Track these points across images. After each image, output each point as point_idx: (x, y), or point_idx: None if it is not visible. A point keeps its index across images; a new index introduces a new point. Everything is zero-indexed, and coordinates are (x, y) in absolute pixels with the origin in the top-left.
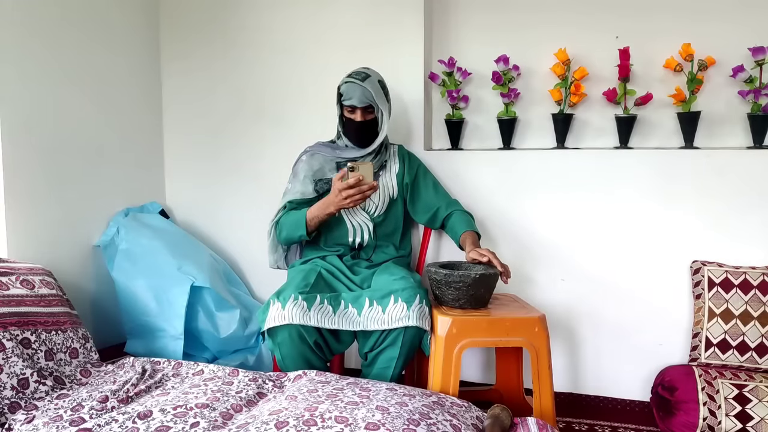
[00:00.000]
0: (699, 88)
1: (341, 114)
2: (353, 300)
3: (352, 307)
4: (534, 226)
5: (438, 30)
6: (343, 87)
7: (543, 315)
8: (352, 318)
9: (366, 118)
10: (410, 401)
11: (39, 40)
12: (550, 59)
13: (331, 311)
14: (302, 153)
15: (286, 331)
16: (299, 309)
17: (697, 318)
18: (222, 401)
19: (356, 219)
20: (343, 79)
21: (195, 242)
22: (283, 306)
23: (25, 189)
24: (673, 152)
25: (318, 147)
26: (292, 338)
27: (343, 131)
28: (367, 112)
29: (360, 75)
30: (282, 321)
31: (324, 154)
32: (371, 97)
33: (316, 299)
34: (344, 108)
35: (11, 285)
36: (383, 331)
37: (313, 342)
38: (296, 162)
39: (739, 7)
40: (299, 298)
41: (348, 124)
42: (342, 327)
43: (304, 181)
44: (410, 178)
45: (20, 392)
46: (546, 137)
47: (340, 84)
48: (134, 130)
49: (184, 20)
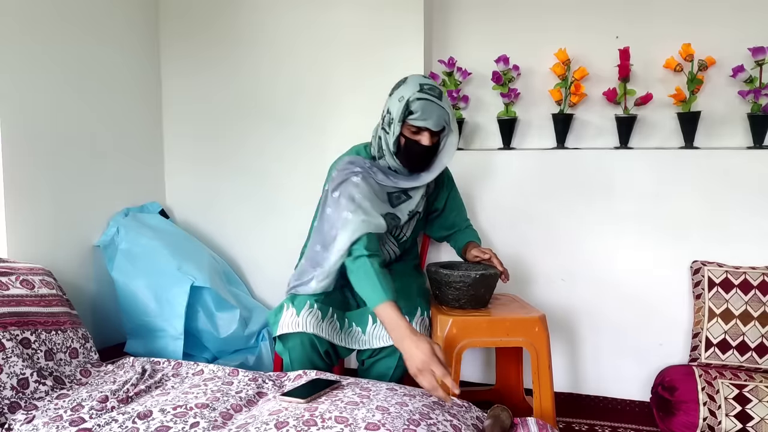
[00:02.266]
0: (699, 88)
1: (400, 132)
2: (357, 319)
3: (356, 326)
4: (534, 226)
5: (438, 30)
6: (417, 104)
7: (543, 315)
8: (357, 337)
9: (433, 142)
10: (410, 401)
11: (39, 41)
12: (550, 59)
13: (338, 327)
14: (349, 171)
15: (298, 338)
16: (314, 318)
17: (697, 318)
18: (222, 401)
19: (385, 247)
20: (412, 93)
21: (195, 242)
22: (297, 312)
23: (25, 189)
24: (673, 152)
25: (364, 166)
26: (303, 345)
27: (396, 152)
28: (436, 136)
29: (435, 91)
30: (296, 328)
31: (377, 180)
32: (448, 119)
33: (329, 311)
34: (406, 125)
35: (11, 285)
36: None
37: (324, 351)
38: (345, 182)
39: (738, 8)
40: (314, 306)
41: (410, 147)
42: (348, 345)
43: (375, 212)
44: (443, 200)
45: (20, 392)
46: (546, 137)
47: (408, 97)
48: (134, 130)
49: (184, 21)
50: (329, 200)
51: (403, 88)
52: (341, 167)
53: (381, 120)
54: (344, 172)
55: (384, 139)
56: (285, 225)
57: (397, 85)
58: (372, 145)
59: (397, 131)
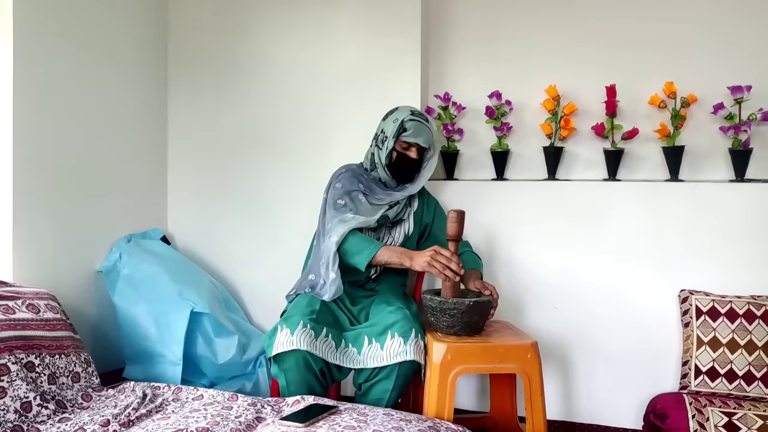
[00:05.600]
0: (682, 123)
1: (392, 147)
2: (353, 340)
3: (352, 347)
4: (527, 255)
5: (434, 66)
6: (410, 124)
7: (535, 342)
8: (352, 357)
9: (419, 157)
10: (406, 426)
11: (46, 69)
12: (540, 95)
13: (334, 346)
14: (339, 173)
15: (293, 357)
16: (307, 336)
17: (686, 346)
18: (222, 425)
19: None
20: (406, 116)
21: (195, 268)
22: (291, 332)
23: (31, 214)
24: (659, 184)
25: (356, 171)
26: (298, 365)
27: (388, 163)
28: (421, 153)
29: (423, 116)
30: (291, 346)
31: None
32: (432, 141)
33: (323, 331)
34: (399, 141)
35: (17, 309)
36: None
37: (319, 370)
38: (332, 186)
39: (719, 47)
40: (308, 326)
41: (400, 160)
42: (343, 364)
43: (373, 209)
44: (429, 218)
45: (23, 415)
46: (537, 169)
47: (402, 118)
48: (138, 159)
49: (190, 54)
50: (323, 205)
51: (397, 112)
52: (336, 172)
53: (374, 140)
54: (335, 175)
55: (377, 154)
56: (283, 252)
57: (390, 112)
58: (365, 162)
59: (391, 146)
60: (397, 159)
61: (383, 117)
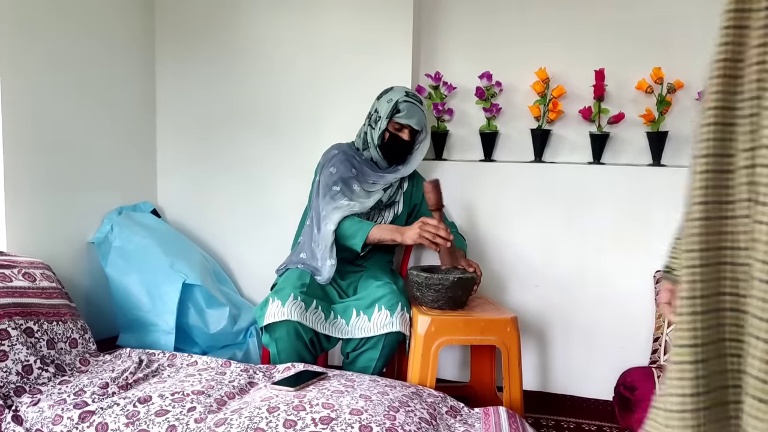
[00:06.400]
0: (668, 109)
1: (385, 128)
2: (342, 312)
3: (341, 318)
4: (511, 235)
5: (426, 46)
6: (404, 105)
7: (515, 316)
8: (341, 327)
9: (411, 139)
10: (391, 391)
11: (36, 42)
12: (530, 77)
13: (323, 318)
14: (330, 155)
15: (284, 327)
16: (298, 308)
17: (658, 324)
18: (216, 389)
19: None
20: (400, 97)
21: (186, 241)
22: (283, 303)
23: (23, 186)
24: (642, 169)
25: (347, 152)
26: (289, 334)
27: (380, 144)
28: (413, 135)
29: (417, 98)
30: (282, 317)
31: (356, 166)
32: (425, 124)
33: (313, 303)
34: (392, 122)
35: (14, 277)
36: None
37: (309, 339)
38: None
39: (706, 35)
40: (298, 298)
41: (393, 140)
42: (332, 334)
43: (367, 195)
44: (418, 198)
45: (25, 377)
46: (525, 151)
47: (397, 99)
48: (128, 131)
49: (179, 23)
50: (316, 187)
51: (392, 93)
52: (326, 153)
53: (367, 119)
54: (327, 157)
55: (369, 133)
56: (273, 225)
57: (384, 91)
58: (356, 141)
59: (384, 126)
60: (389, 140)
61: (378, 96)
